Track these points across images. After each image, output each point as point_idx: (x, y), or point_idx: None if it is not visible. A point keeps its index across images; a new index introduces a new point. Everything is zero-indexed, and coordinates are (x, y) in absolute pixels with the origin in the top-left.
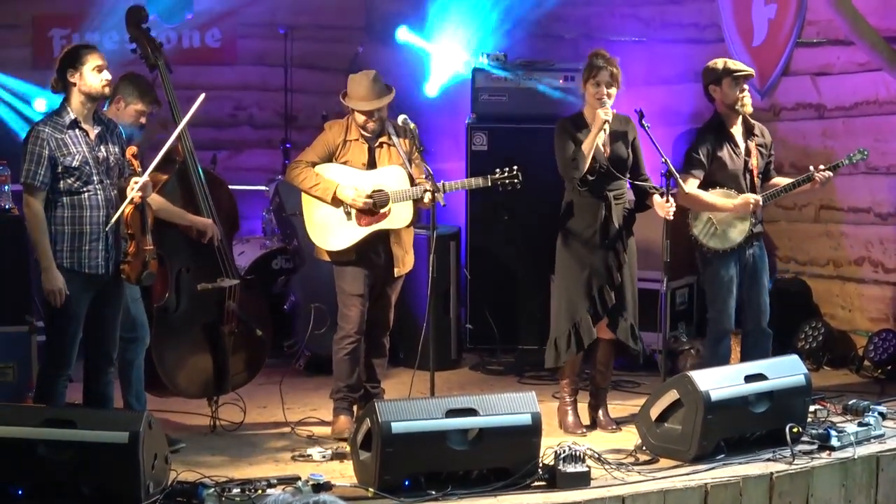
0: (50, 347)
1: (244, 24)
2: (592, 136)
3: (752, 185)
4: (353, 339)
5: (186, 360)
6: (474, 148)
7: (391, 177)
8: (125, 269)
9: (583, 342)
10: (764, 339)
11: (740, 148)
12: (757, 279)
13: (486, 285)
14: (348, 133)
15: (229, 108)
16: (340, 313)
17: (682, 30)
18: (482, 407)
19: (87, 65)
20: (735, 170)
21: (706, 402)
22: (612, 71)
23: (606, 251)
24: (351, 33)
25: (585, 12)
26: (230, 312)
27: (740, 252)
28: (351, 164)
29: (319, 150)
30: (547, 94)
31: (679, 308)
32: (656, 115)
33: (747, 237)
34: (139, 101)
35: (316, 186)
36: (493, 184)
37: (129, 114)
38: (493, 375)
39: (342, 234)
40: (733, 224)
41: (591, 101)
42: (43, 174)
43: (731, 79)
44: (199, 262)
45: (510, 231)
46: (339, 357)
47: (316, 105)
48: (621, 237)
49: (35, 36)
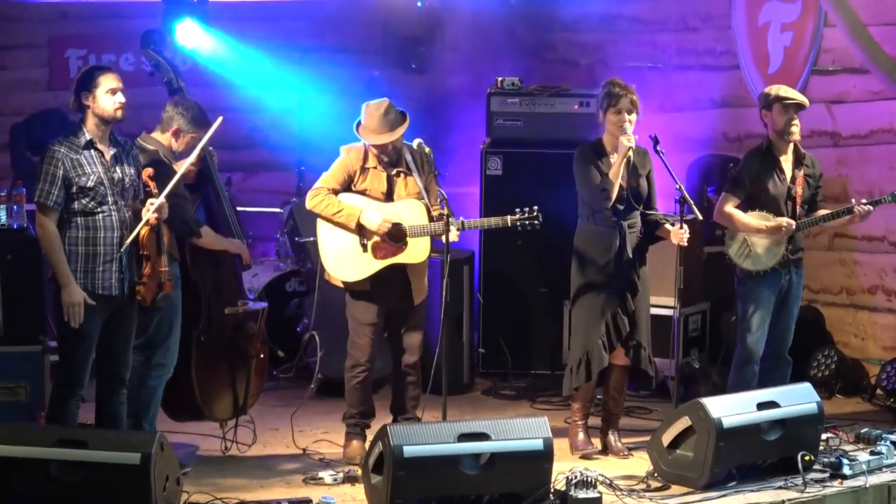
0: (63, 368)
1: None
2: (618, 164)
3: (793, 213)
4: (364, 368)
5: (218, 381)
6: (489, 172)
7: (409, 210)
8: (140, 290)
9: (592, 371)
10: (782, 366)
11: (786, 175)
12: (787, 306)
13: (498, 310)
14: (366, 160)
15: (246, 130)
16: (351, 341)
17: (698, 57)
18: (494, 431)
19: (100, 87)
20: (777, 195)
21: (718, 429)
22: (632, 98)
23: (621, 279)
24: (367, 57)
25: (601, 38)
26: (256, 335)
27: (776, 276)
28: (370, 192)
29: (339, 175)
30: (562, 119)
31: (692, 334)
32: (671, 141)
33: (782, 262)
34: (197, 131)
35: (339, 213)
36: (512, 225)
37: (185, 142)
38: (505, 400)
39: (357, 265)
40: (768, 247)
41: (613, 129)
42: (56, 194)
43: (781, 105)
44: (219, 286)
45: (524, 256)
46: (351, 385)
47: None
48: (635, 265)
49: (51, 57)
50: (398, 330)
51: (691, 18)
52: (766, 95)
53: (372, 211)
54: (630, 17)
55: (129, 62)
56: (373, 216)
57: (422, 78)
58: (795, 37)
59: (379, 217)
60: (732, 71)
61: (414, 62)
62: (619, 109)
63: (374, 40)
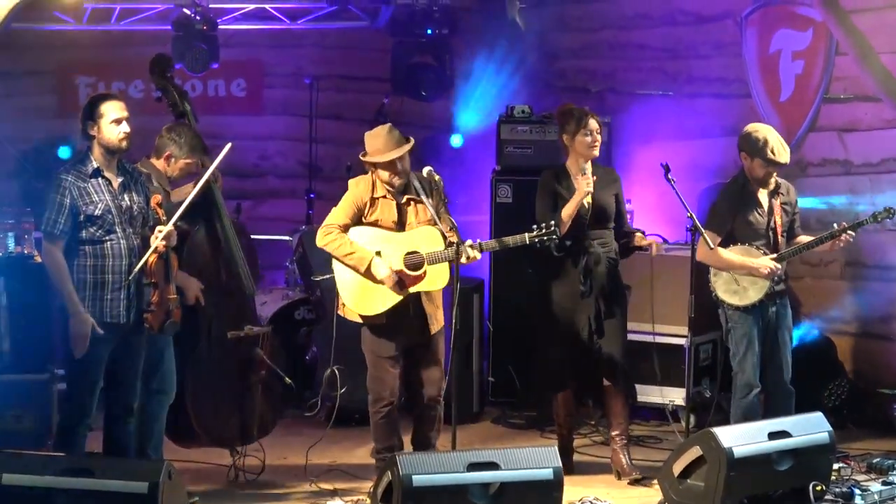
0: (70, 396)
1: (270, 75)
2: (573, 206)
3: (775, 244)
4: (387, 403)
5: (218, 407)
6: (499, 200)
7: (424, 238)
8: (148, 318)
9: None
10: (786, 397)
11: (764, 207)
12: (779, 337)
13: (508, 338)
14: (374, 190)
15: (254, 157)
16: (372, 377)
17: (709, 84)
18: (504, 461)
19: (104, 117)
20: (758, 228)
21: (729, 459)
22: (595, 118)
23: (593, 301)
24: (376, 84)
25: (612, 66)
26: (260, 361)
27: (762, 309)
28: (382, 223)
29: (349, 210)
30: None
31: (703, 363)
32: (682, 169)
33: (768, 294)
34: (190, 157)
35: (350, 255)
36: (531, 242)
37: (180, 168)
38: (514, 429)
39: (376, 297)
40: (754, 281)
41: (582, 150)
42: (63, 223)
43: (765, 162)
44: (223, 309)
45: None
46: (376, 421)
47: (340, 155)
48: (606, 285)
49: (60, 83)
50: (417, 364)
51: (702, 46)
52: (753, 141)
53: (381, 263)
54: (640, 44)
55: (139, 89)
56: (380, 268)
57: (432, 106)
58: (807, 65)
59: (386, 269)
60: (744, 99)
61: (424, 90)
62: (589, 130)
63: (383, 67)
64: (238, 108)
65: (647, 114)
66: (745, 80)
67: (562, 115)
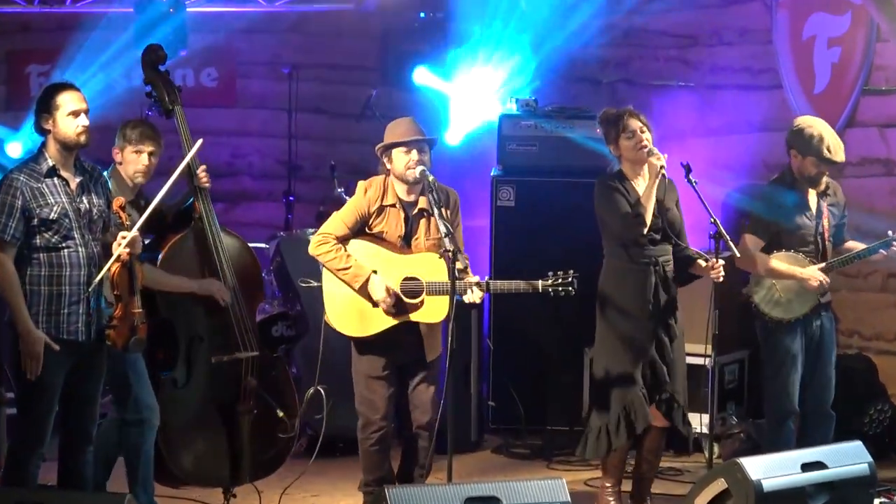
0: (22, 422)
1: (244, 63)
2: (650, 185)
3: (823, 250)
4: (379, 427)
5: (197, 443)
6: (500, 203)
7: (427, 265)
8: (111, 334)
9: (635, 427)
10: (825, 422)
11: (812, 210)
12: (822, 354)
13: (511, 358)
14: (386, 196)
15: (226, 155)
16: (361, 398)
17: (734, 74)
18: (506, 495)
19: (60, 109)
20: (805, 233)
21: (758, 493)
22: (637, 116)
23: (657, 324)
24: (363, 74)
25: (626, 53)
26: (248, 390)
27: (806, 323)
28: (387, 236)
29: (350, 219)
30: (582, 144)
31: (728, 386)
32: (704, 169)
33: (814, 307)
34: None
35: (346, 271)
36: (543, 291)
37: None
38: (518, 459)
39: (365, 320)
40: (799, 292)
41: (631, 154)
42: (14, 227)
43: (819, 160)
44: (216, 331)
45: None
46: (365, 449)
47: (323, 153)
48: (672, 308)
49: (10, 73)
50: (408, 386)
51: (726, 32)
52: (804, 137)
53: (379, 283)
54: (658, 30)
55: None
56: (378, 288)
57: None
58: (844, 53)
59: (384, 291)
60: (773, 90)
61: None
62: (632, 132)
63: (370, 56)
64: (208, 101)
65: (664, 107)
66: (776, 70)
67: (601, 123)
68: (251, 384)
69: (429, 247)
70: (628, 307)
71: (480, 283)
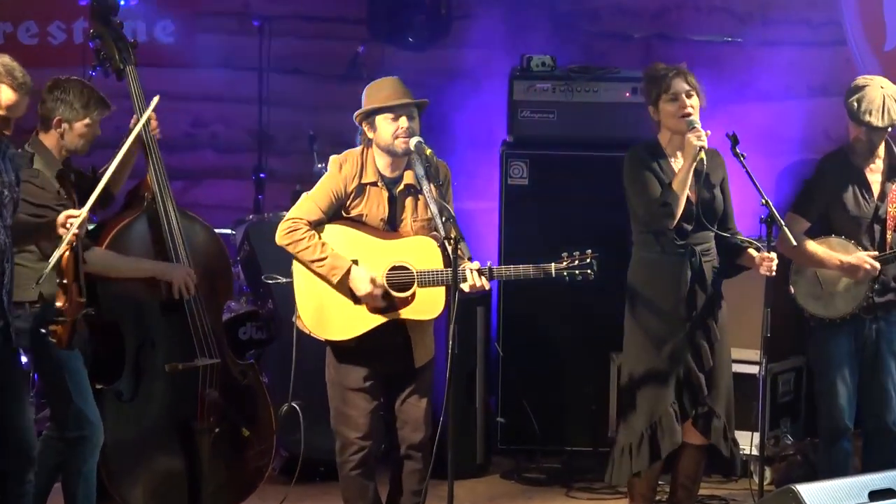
0: None
1: (206, 14)
2: (685, 170)
3: (881, 240)
4: (360, 447)
5: (146, 468)
6: (511, 182)
7: (417, 250)
8: (57, 331)
9: (660, 449)
10: (889, 442)
11: (872, 190)
12: (881, 364)
13: (523, 366)
14: (364, 173)
15: (185, 124)
16: (338, 415)
17: (790, 28)
18: None
19: None
20: (860, 217)
21: None
22: (687, 78)
23: (695, 325)
24: (348, 27)
25: (661, 3)
26: (209, 404)
27: (857, 325)
28: (368, 219)
29: (324, 201)
30: (608, 110)
31: (782, 399)
32: (754, 141)
33: (865, 306)
34: (86, 114)
35: (321, 262)
36: (557, 275)
37: (79, 133)
38: (532, 486)
39: (346, 320)
40: (846, 287)
41: (671, 121)
42: None
43: (870, 129)
44: (172, 335)
45: (555, 293)
46: (346, 473)
47: (300, 122)
48: (712, 306)
49: None
50: (395, 399)
51: None
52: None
53: (363, 275)
54: None
55: (31, 33)
56: (362, 281)
57: (422, 56)
58: None
59: (369, 284)
60: (836, 47)
61: (411, 35)
62: (674, 94)
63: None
64: (164, 59)
65: (707, 67)
66: (839, 23)
67: (645, 80)
68: (212, 397)
69: (416, 229)
70: (659, 305)
71: (482, 270)
